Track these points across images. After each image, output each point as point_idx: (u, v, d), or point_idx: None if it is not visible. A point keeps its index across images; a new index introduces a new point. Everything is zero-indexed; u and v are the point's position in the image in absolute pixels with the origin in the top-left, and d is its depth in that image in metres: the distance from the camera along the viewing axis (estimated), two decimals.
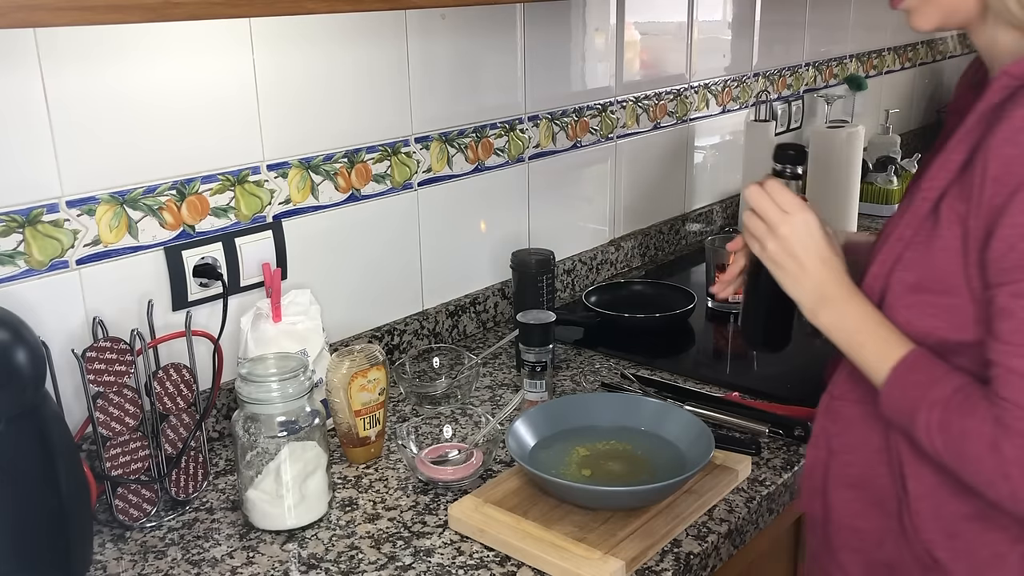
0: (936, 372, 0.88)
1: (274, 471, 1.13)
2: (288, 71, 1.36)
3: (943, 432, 0.86)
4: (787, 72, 2.60)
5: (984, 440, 0.82)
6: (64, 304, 1.18)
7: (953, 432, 0.85)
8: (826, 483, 1.01)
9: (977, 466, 0.84)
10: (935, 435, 0.86)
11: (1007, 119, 0.81)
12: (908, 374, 0.90)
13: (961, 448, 0.85)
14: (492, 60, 1.68)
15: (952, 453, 0.86)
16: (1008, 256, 0.81)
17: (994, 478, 0.82)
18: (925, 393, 0.88)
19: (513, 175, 1.78)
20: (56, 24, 0.82)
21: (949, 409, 0.86)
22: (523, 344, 1.45)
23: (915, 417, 0.88)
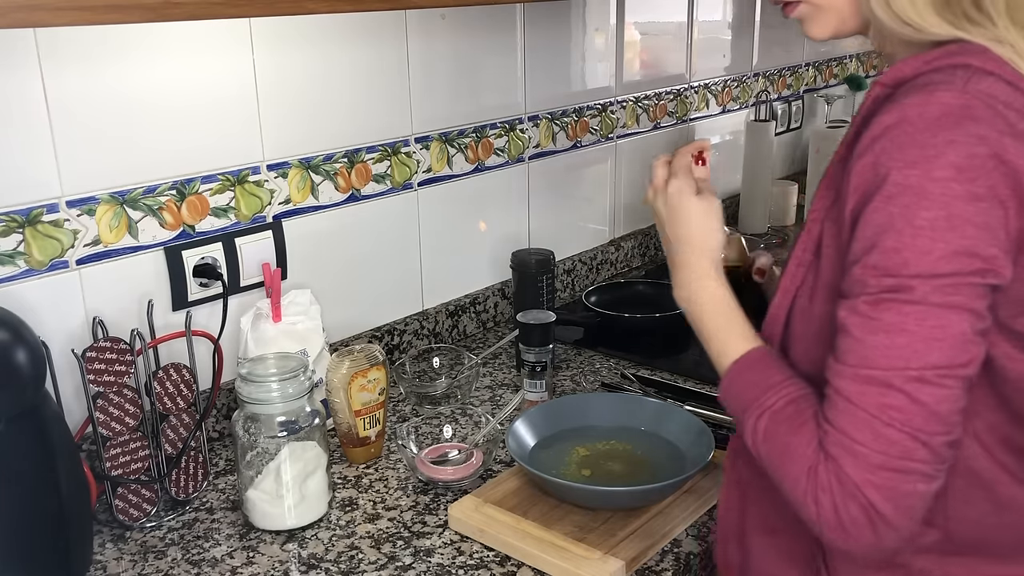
0: (774, 377, 0.84)
1: (274, 471, 1.13)
2: (288, 71, 1.36)
3: (767, 442, 0.82)
4: (787, 72, 2.60)
5: (804, 462, 0.77)
6: (64, 304, 1.18)
7: (777, 445, 0.81)
8: (743, 529, 0.95)
9: (792, 485, 0.79)
10: (759, 442, 0.82)
11: (868, 128, 0.76)
12: (746, 372, 0.87)
13: (781, 463, 0.80)
14: (492, 60, 1.68)
15: (773, 464, 0.81)
16: (852, 269, 0.76)
17: (805, 500, 0.77)
18: (758, 396, 0.84)
19: (513, 175, 1.78)
20: (56, 24, 0.82)
21: (778, 421, 0.81)
22: (523, 344, 1.45)
23: (744, 419, 0.84)
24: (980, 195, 0.71)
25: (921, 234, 0.72)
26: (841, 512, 0.74)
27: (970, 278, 0.72)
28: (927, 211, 0.71)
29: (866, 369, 0.74)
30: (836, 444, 0.75)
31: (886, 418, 0.73)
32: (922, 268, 0.72)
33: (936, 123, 0.72)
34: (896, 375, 0.72)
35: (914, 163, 0.72)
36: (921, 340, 0.72)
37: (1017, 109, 0.74)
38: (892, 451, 0.73)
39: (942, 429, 0.73)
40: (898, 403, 0.72)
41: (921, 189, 0.72)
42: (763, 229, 2.34)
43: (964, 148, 0.72)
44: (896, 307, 0.73)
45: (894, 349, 0.73)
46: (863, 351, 0.74)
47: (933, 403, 0.72)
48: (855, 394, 0.74)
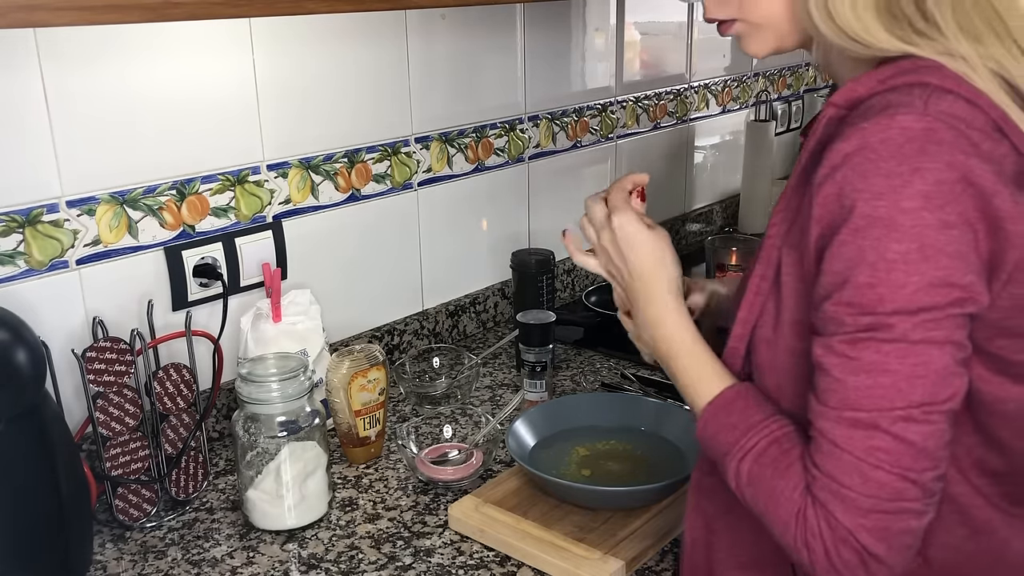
0: (753, 417, 0.81)
1: (274, 471, 1.13)
2: (288, 71, 1.36)
3: (752, 486, 0.80)
4: (787, 72, 2.60)
5: (792, 506, 0.75)
6: (64, 304, 1.18)
7: (763, 489, 0.79)
8: (711, 564, 0.91)
9: (782, 529, 0.77)
10: (744, 487, 0.80)
11: (827, 155, 0.73)
12: (722, 414, 0.84)
13: (768, 507, 0.78)
14: (492, 60, 1.68)
15: (759, 508, 0.79)
16: (824, 306, 0.73)
17: (796, 545, 0.75)
18: (738, 439, 0.81)
19: (513, 175, 1.78)
20: (56, 24, 0.82)
21: (762, 464, 0.79)
22: (523, 344, 1.45)
23: (726, 462, 0.82)
24: (951, 222, 0.69)
25: (895, 268, 0.69)
26: (833, 557, 0.73)
27: (948, 310, 0.70)
28: (898, 243, 0.69)
29: (850, 411, 0.72)
30: (824, 489, 0.73)
31: (874, 460, 0.71)
32: (898, 303, 0.70)
33: (900, 150, 0.70)
34: (881, 416, 0.71)
35: (881, 194, 0.70)
36: (904, 378, 0.70)
37: (978, 128, 0.71)
38: (882, 493, 0.71)
39: (930, 464, 0.72)
40: (885, 445, 0.71)
41: (891, 221, 0.69)
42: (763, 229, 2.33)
43: (931, 175, 0.69)
44: (875, 345, 0.71)
45: (877, 389, 0.71)
46: (845, 392, 0.72)
47: (920, 440, 0.71)
48: (841, 438, 0.72)
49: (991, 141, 0.71)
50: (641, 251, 0.96)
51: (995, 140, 0.71)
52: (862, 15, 0.76)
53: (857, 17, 0.76)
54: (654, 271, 0.95)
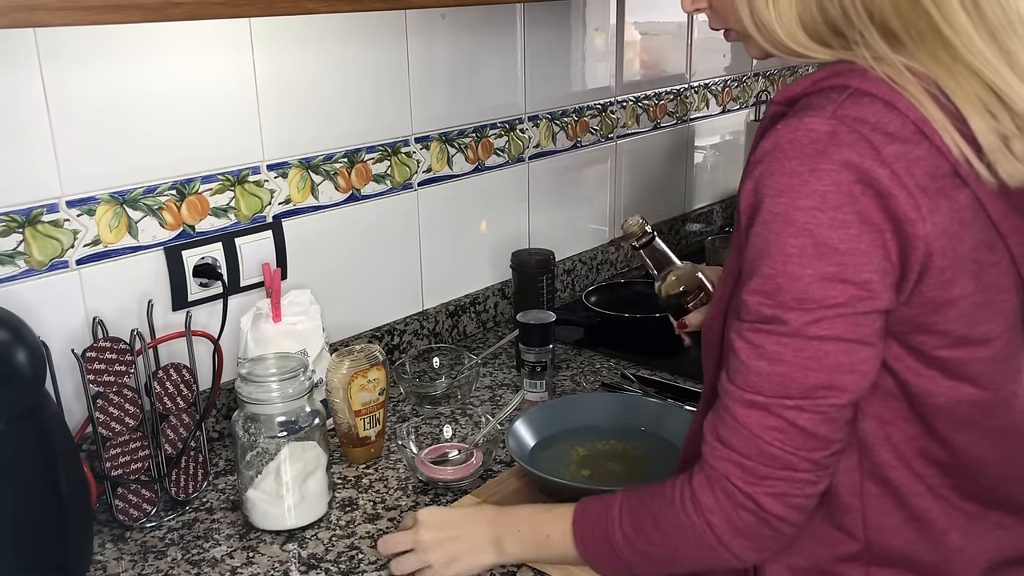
0: (604, 499, 0.90)
1: (274, 471, 1.13)
2: (288, 71, 1.36)
3: (641, 531, 0.85)
4: (787, 72, 2.60)
5: (676, 504, 0.83)
6: (64, 304, 1.18)
7: (647, 523, 0.85)
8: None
9: (682, 534, 0.83)
10: (635, 539, 0.86)
11: (756, 149, 0.78)
12: (584, 519, 0.91)
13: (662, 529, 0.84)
14: (492, 60, 1.68)
15: (657, 543, 0.85)
16: (739, 292, 0.79)
17: (697, 533, 0.82)
18: (605, 517, 0.88)
19: (513, 175, 1.78)
20: (56, 24, 0.82)
21: (634, 511, 0.86)
22: (523, 344, 1.45)
23: (614, 545, 0.87)
24: (846, 222, 0.73)
25: (790, 261, 0.74)
26: (736, 521, 0.80)
27: (842, 308, 0.74)
28: (794, 239, 0.74)
29: (751, 393, 0.78)
30: (724, 459, 0.80)
31: (769, 438, 0.78)
32: (795, 294, 0.75)
33: (803, 150, 0.74)
34: (776, 402, 0.77)
35: (782, 191, 0.75)
36: (798, 370, 0.76)
37: (888, 132, 0.74)
38: (776, 464, 0.78)
39: (822, 446, 0.78)
40: (779, 426, 0.77)
41: (788, 217, 0.74)
42: None
43: (828, 176, 0.73)
44: (775, 337, 0.76)
45: (775, 377, 0.77)
46: (748, 375, 0.78)
47: (811, 427, 0.77)
48: (742, 415, 0.79)
49: (902, 143, 0.74)
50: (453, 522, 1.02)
51: (910, 142, 0.74)
52: (785, 22, 0.80)
53: (781, 25, 0.80)
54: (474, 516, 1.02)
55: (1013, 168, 0.75)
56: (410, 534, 1.00)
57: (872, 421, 0.82)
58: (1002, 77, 0.75)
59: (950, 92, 0.75)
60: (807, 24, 0.79)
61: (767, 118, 0.83)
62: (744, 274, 0.79)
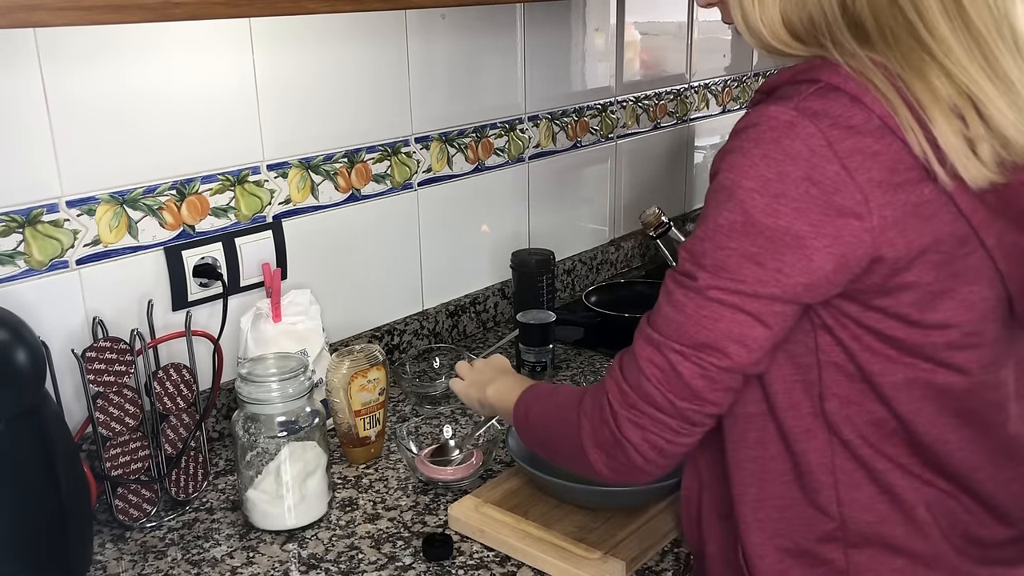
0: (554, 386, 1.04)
1: (274, 471, 1.13)
2: (288, 71, 1.36)
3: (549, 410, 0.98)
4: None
5: (574, 400, 0.93)
6: (64, 304, 1.18)
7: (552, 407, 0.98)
8: (700, 513, 0.98)
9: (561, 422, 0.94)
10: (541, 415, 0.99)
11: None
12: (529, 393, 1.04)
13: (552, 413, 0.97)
14: (492, 60, 1.68)
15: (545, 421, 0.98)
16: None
17: (572, 432, 0.91)
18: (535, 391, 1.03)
19: (513, 175, 1.78)
20: (55, 24, 0.82)
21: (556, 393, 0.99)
22: (523, 344, 1.45)
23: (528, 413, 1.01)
24: (779, 212, 0.77)
25: (720, 231, 0.79)
26: (598, 434, 0.88)
27: (748, 285, 0.79)
28: (729, 212, 0.79)
29: (651, 331, 0.85)
30: (611, 379, 0.88)
31: (648, 372, 0.84)
32: (714, 260, 0.80)
33: (761, 135, 0.78)
34: (665, 343, 0.83)
35: (732, 167, 0.79)
36: (692, 323, 0.81)
37: (850, 126, 0.76)
38: (646, 399, 0.84)
39: (693, 399, 0.83)
40: (661, 364, 0.83)
41: (730, 192, 0.79)
42: None
43: (775, 165, 0.77)
44: (684, 290, 0.82)
45: (672, 323, 0.83)
46: (655, 316, 0.85)
47: (688, 376, 0.82)
48: (638, 348, 0.86)
49: (862, 137, 0.76)
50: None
51: (872, 136, 0.77)
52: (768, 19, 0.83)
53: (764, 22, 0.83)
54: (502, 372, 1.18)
55: (977, 171, 0.76)
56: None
57: (834, 401, 0.84)
58: (979, 86, 0.76)
59: (917, 93, 0.77)
60: (789, 23, 0.82)
61: (749, 104, 0.87)
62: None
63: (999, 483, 0.87)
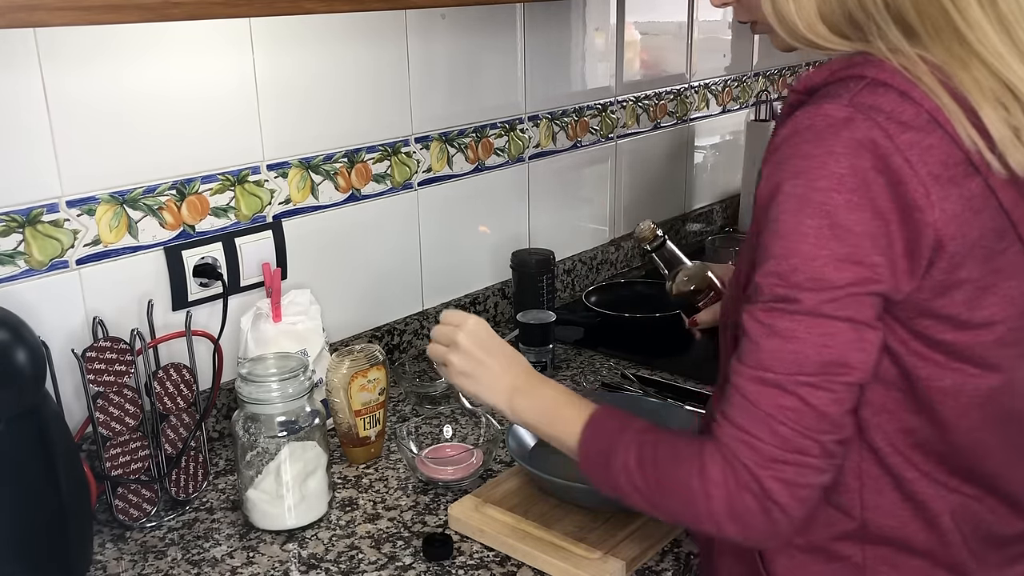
0: (621, 419, 0.90)
1: (274, 471, 1.13)
2: (288, 71, 1.36)
3: (642, 467, 0.85)
4: (787, 72, 2.60)
5: (685, 462, 0.82)
6: (64, 304, 1.18)
7: (659, 463, 0.85)
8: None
9: (677, 489, 0.83)
10: (634, 472, 0.86)
11: (774, 136, 0.81)
12: (597, 430, 0.91)
13: (661, 477, 0.84)
14: (492, 60, 1.68)
15: (651, 484, 0.85)
16: (752, 276, 0.80)
17: (695, 500, 0.81)
18: (617, 437, 0.88)
19: (513, 175, 1.78)
20: (55, 24, 0.82)
21: (644, 446, 0.86)
22: (523, 344, 1.45)
23: (611, 462, 0.88)
24: (860, 204, 0.75)
25: (806, 240, 0.76)
26: (736, 503, 0.79)
27: (852, 288, 0.76)
28: (811, 219, 0.75)
29: (762, 371, 0.78)
30: (734, 439, 0.79)
31: (781, 417, 0.77)
32: (809, 273, 0.76)
33: (820, 135, 0.76)
34: (789, 379, 0.77)
35: (799, 173, 0.76)
36: (811, 347, 0.76)
37: (902, 121, 0.76)
38: (786, 447, 0.77)
39: (831, 429, 0.78)
40: (791, 404, 0.77)
41: (805, 198, 0.76)
42: None
43: (845, 159, 0.75)
44: (788, 316, 0.77)
45: (787, 355, 0.77)
46: (759, 354, 0.78)
47: (822, 406, 0.77)
48: (752, 394, 0.79)
49: (915, 132, 0.76)
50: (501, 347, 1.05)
51: (924, 131, 0.76)
52: (804, 15, 0.81)
53: (801, 18, 0.82)
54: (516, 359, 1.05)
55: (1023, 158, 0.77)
56: (453, 331, 1.04)
57: (868, 409, 0.83)
58: (1013, 71, 0.77)
59: (963, 84, 0.77)
60: (826, 17, 0.81)
61: (786, 106, 0.85)
62: (759, 258, 0.80)
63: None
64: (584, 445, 0.92)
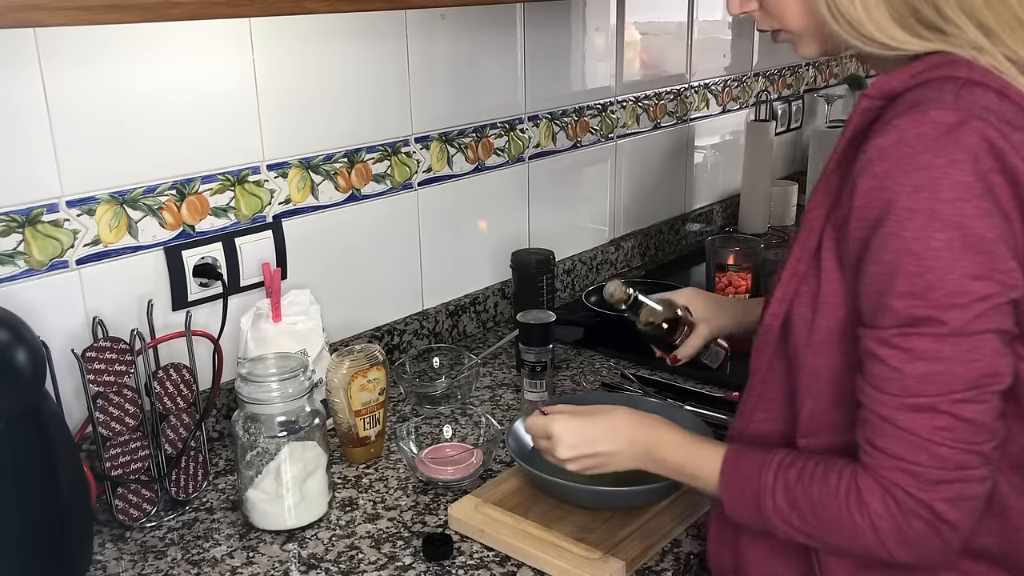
0: (759, 457, 0.89)
1: (274, 471, 1.13)
2: (288, 71, 1.36)
3: (795, 508, 0.85)
4: (787, 72, 2.60)
5: (841, 498, 0.81)
6: (64, 304, 1.18)
7: (804, 504, 0.84)
8: (736, 535, 0.96)
9: (840, 526, 0.82)
10: (789, 515, 0.85)
11: (866, 149, 0.77)
12: (735, 473, 0.90)
13: (820, 515, 0.83)
14: (492, 60, 1.68)
15: (811, 524, 0.84)
16: (870, 299, 0.78)
17: (860, 532, 0.81)
18: (758, 481, 0.87)
19: (513, 175, 1.78)
20: (54, 24, 0.82)
21: (790, 487, 0.85)
22: (523, 344, 1.45)
23: (761, 506, 0.87)
24: (990, 210, 0.73)
25: (939, 255, 0.73)
26: (905, 530, 0.79)
27: (994, 298, 0.74)
28: (941, 232, 0.73)
29: (911, 398, 0.77)
30: (892, 468, 0.79)
31: (938, 439, 0.76)
32: (947, 289, 0.73)
33: (935, 143, 0.73)
34: (941, 400, 0.76)
35: (921, 186, 0.73)
36: (959, 364, 0.75)
37: (1007, 120, 0.75)
38: (948, 466, 0.77)
39: (988, 436, 0.77)
40: (947, 424, 0.76)
41: (932, 211, 0.73)
42: (763, 229, 2.34)
43: (968, 166, 0.72)
44: (931, 339, 0.75)
45: (935, 376, 0.76)
46: (904, 381, 0.77)
47: (978, 417, 0.76)
48: (905, 422, 0.77)
49: (1020, 132, 0.74)
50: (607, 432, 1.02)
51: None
52: (874, 16, 0.79)
53: (870, 19, 0.79)
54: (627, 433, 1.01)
55: None
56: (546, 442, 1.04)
57: None
58: None
59: None
60: (897, 18, 0.79)
61: (858, 113, 0.82)
62: (873, 278, 0.77)
63: None
64: (727, 491, 0.91)
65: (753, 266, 1.82)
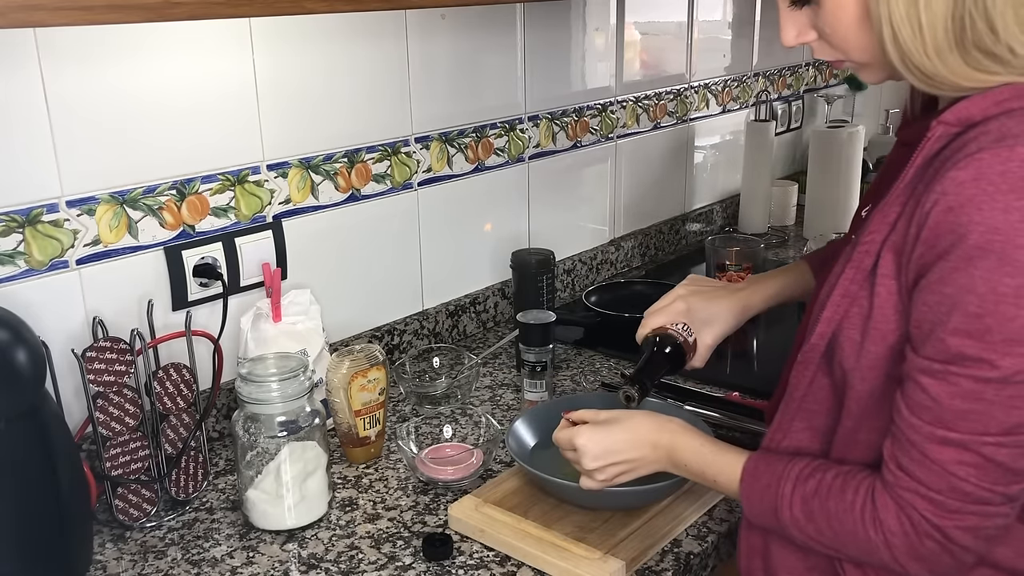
0: (778, 468, 0.90)
1: (274, 471, 1.13)
2: (288, 71, 1.36)
3: (812, 521, 0.86)
4: (787, 72, 2.60)
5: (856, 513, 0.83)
6: (64, 304, 1.18)
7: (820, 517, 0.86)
8: (767, 545, 0.96)
9: (855, 539, 0.83)
10: (806, 526, 0.87)
11: (940, 179, 0.75)
12: (754, 483, 0.92)
13: (836, 528, 0.85)
14: (492, 60, 1.68)
15: (827, 536, 0.85)
16: (922, 327, 0.77)
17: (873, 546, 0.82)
18: (776, 492, 0.89)
19: (513, 175, 1.78)
20: (55, 24, 0.82)
21: (807, 499, 0.86)
22: (523, 344, 1.45)
23: (779, 516, 0.89)
24: None
25: (1004, 301, 0.72)
26: (918, 547, 0.80)
27: None
28: (1011, 278, 0.71)
29: (943, 430, 0.76)
30: (911, 491, 0.79)
31: (963, 474, 0.76)
32: (1006, 334, 0.72)
33: (1018, 185, 0.71)
34: (973, 440, 0.75)
35: (997, 228, 0.71)
36: (1000, 409, 0.74)
37: None
38: (967, 499, 0.77)
39: (1016, 479, 0.77)
40: (974, 462, 0.76)
41: (1005, 255, 0.71)
42: (763, 229, 2.34)
43: None
44: (975, 378, 0.74)
45: (972, 415, 0.75)
46: (940, 412, 0.76)
47: (1009, 462, 0.76)
48: (933, 451, 0.77)
49: None
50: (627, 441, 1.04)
51: None
52: (934, 57, 0.77)
53: (930, 59, 0.77)
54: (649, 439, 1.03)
55: None
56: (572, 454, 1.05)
57: None
58: None
59: None
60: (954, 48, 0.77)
61: (933, 139, 0.79)
62: (930, 307, 0.76)
63: None
64: (746, 499, 0.93)
65: (753, 266, 1.82)
